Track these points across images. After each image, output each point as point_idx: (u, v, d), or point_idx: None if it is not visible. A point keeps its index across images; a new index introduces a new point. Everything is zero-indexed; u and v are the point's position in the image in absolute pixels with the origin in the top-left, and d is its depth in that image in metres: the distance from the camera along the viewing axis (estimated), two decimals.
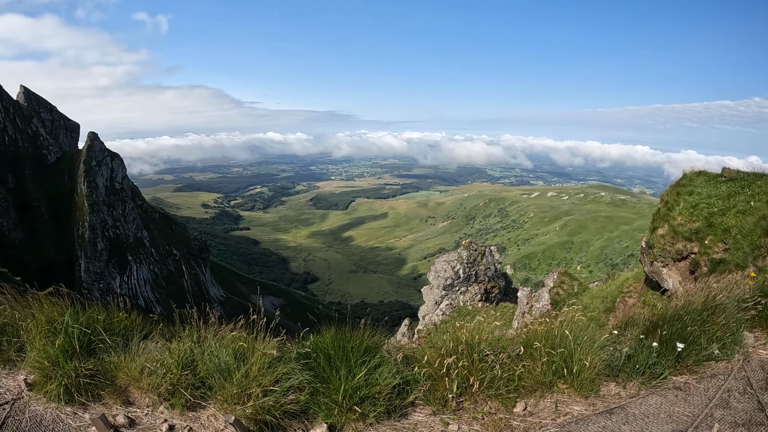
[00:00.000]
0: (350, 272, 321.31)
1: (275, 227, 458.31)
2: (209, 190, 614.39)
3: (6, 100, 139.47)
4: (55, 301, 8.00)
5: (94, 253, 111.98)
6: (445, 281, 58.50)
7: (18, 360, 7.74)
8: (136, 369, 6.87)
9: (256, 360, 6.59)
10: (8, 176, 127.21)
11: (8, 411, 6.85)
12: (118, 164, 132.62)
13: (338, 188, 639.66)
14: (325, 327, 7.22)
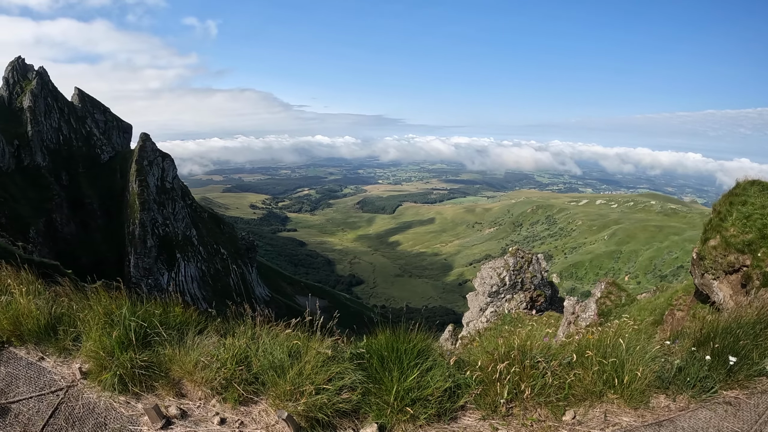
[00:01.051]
0: (395, 276, 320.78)
1: (322, 229, 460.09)
2: (257, 191, 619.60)
3: (61, 101, 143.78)
4: (112, 295, 8.26)
5: (144, 250, 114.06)
6: (491, 288, 58.08)
7: (73, 349, 7.96)
8: (190, 362, 7.02)
9: (311, 358, 6.67)
10: (62, 174, 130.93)
11: (62, 397, 7.05)
12: (168, 164, 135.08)
13: (385, 192, 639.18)
14: (380, 329, 7.22)
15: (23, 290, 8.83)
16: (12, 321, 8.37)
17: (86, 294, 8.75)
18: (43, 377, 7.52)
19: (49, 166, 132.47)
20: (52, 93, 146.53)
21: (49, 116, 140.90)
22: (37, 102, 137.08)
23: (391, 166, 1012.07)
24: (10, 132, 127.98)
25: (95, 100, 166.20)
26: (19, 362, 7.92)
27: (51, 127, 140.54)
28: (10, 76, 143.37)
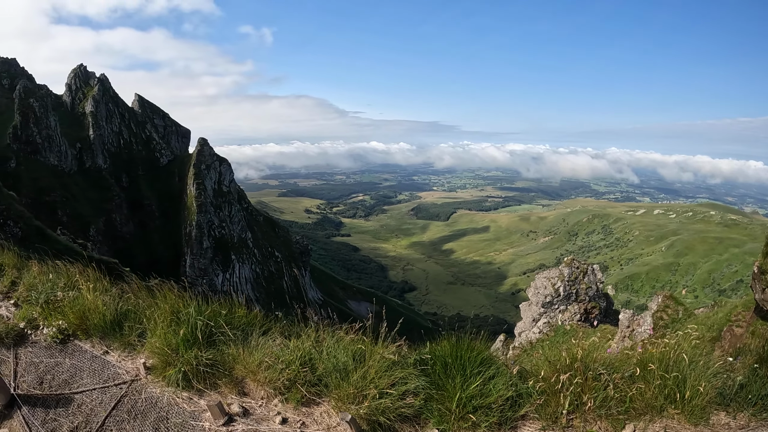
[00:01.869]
0: (448, 284, 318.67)
1: (376, 235, 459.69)
2: (312, 196, 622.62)
3: (121, 107, 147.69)
4: (178, 293, 8.48)
5: (200, 251, 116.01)
6: (545, 298, 57.28)
7: (138, 344, 8.28)
8: (254, 362, 7.14)
9: (375, 363, 6.69)
10: (122, 176, 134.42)
11: (125, 390, 7.32)
12: (226, 168, 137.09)
13: (440, 199, 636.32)
14: (445, 335, 7.20)
15: (90, 287, 9.20)
16: (78, 315, 8.76)
17: (152, 292, 9.10)
18: (107, 370, 7.84)
19: (109, 169, 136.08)
20: (113, 99, 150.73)
21: (110, 121, 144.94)
22: (98, 107, 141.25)
23: (446, 173, 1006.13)
24: (73, 135, 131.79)
25: (155, 106, 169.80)
26: (84, 355, 8.29)
27: (112, 131, 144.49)
28: (73, 83, 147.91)
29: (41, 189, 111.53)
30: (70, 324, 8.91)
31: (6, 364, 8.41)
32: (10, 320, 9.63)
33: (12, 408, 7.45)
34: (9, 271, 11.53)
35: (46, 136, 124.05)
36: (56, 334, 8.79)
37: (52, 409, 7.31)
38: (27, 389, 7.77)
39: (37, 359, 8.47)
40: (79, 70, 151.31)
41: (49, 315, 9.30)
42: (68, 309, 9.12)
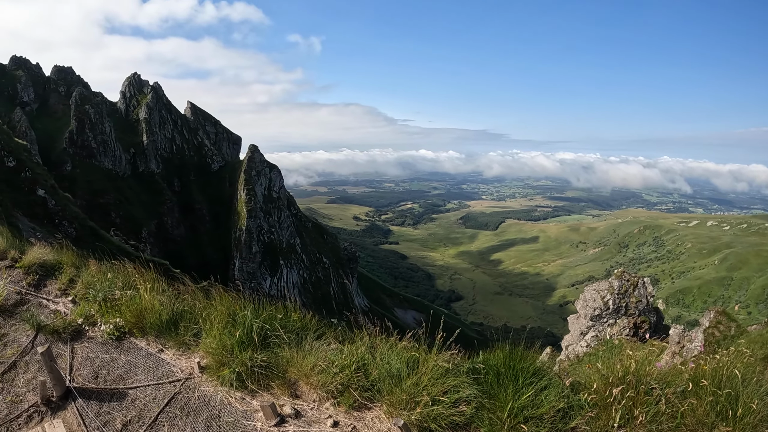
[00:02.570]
0: (495, 294, 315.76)
1: (423, 244, 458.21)
2: (361, 203, 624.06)
3: (174, 114, 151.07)
4: (234, 296, 8.70)
5: (249, 255, 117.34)
6: (593, 311, 56.33)
7: (192, 344, 8.45)
8: (307, 365, 7.23)
9: (428, 370, 6.71)
10: (174, 180, 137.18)
11: (179, 388, 7.50)
12: (275, 175, 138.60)
13: (489, 208, 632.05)
14: (499, 345, 7.15)
15: (148, 287, 9.44)
16: (135, 314, 9.03)
17: (208, 294, 9.36)
18: (161, 368, 8.04)
19: (162, 173, 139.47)
20: (166, 106, 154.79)
21: (163, 127, 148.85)
22: (152, 114, 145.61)
23: (495, 182, 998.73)
24: (127, 141, 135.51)
25: (206, 113, 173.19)
26: (139, 352, 8.53)
27: (165, 138, 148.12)
28: (127, 90, 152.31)
29: (96, 191, 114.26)
30: (126, 322, 9.19)
31: (62, 357, 8.63)
32: (67, 316, 9.94)
33: (67, 400, 7.64)
34: (67, 270, 11.89)
35: (101, 141, 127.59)
36: (113, 331, 9.08)
37: (105, 403, 7.51)
38: (82, 382, 7.98)
39: (92, 354, 8.73)
40: (133, 79, 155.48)
41: (107, 312, 9.60)
42: (125, 307, 9.41)
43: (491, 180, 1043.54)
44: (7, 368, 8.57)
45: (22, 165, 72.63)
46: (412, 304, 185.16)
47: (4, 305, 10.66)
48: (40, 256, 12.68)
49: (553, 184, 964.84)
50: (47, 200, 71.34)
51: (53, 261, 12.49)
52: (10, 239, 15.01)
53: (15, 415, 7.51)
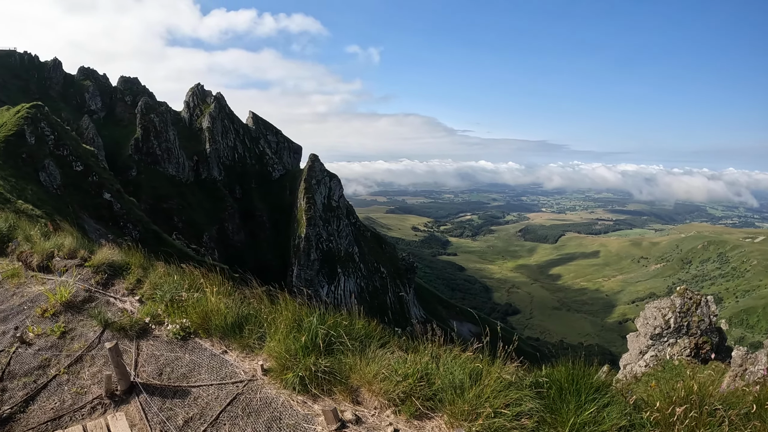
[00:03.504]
0: (553, 309, 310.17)
1: (482, 256, 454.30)
2: (420, 213, 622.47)
3: (236, 123, 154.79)
4: (300, 302, 8.91)
5: (307, 262, 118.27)
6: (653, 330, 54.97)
7: (257, 347, 8.66)
8: (370, 373, 7.29)
9: (491, 382, 6.70)
10: (236, 187, 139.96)
11: (241, 389, 7.68)
12: (335, 184, 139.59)
13: (548, 221, 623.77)
14: (562, 360, 7.15)
15: (214, 290, 9.73)
16: (201, 316, 9.29)
17: (273, 299, 9.50)
18: (225, 368, 8.26)
19: (224, 180, 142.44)
20: (229, 116, 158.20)
21: (225, 136, 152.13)
22: (214, 123, 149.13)
23: (555, 194, 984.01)
24: (190, 148, 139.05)
25: (268, 123, 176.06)
26: (203, 352, 8.76)
27: (227, 146, 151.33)
28: (191, 100, 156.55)
29: (159, 196, 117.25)
30: (192, 323, 9.46)
31: (128, 354, 8.92)
32: (134, 314, 10.27)
33: (130, 394, 7.89)
34: (135, 270, 12.33)
35: (165, 149, 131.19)
36: (179, 331, 9.37)
37: (168, 399, 7.71)
38: (146, 378, 8.23)
39: (157, 352, 9.00)
40: (197, 89, 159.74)
41: (173, 313, 9.92)
42: (191, 309, 9.70)
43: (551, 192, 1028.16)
44: (73, 361, 8.93)
45: (89, 170, 74.85)
46: (468, 316, 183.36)
47: (73, 301, 11.12)
48: (108, 256, 13.15)
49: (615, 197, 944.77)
50: (113, 203, 73.34)
51: (121, 261, 12.98)
52: (80, 239, 15.53)
53: (79, 406, 7.77)
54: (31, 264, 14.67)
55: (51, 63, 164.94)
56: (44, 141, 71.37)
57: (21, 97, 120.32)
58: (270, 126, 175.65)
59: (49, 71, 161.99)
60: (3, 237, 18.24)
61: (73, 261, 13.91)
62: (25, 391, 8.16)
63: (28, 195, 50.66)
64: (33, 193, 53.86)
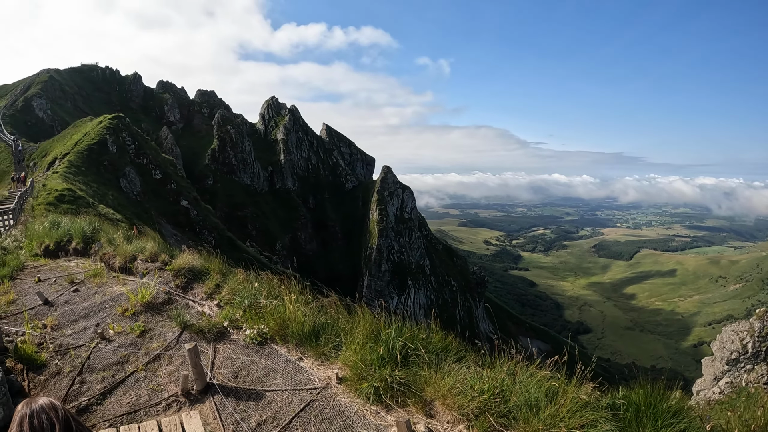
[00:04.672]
0: (625, 329, 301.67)
1: (554, 272, 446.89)
2: (491, 227, 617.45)
3: (310, 135, 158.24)
4: (377, 313, 8.90)
5: (378, 273, 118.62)
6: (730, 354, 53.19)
7: (332, 356, 8.73)
8: (445, 386, 7.22)
9: (567, 402, 6.60)
10: (309, 198, 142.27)
11: (315, 396, 7.77)
12: (408, 196, 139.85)
13: (623, 236, 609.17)
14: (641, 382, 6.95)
15: (293, 298, 9.84)
16: (278, 322, 9.45)
17: (350, 309, 9.63)
18: (299, 375, 8.38)
19: (298, 191, 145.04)
20: (303, 128, 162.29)
21: (299, 147, 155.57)
22: (289, 135, 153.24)
23: (631, 209, 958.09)
24: (265, 159, 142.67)
25: (341, 135, 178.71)
26: (279, 358, 8.91)
27: (301, 157, 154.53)
28: (266, 113, 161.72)
29: (235, 205, 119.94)
30: (269, 329, 9.64)
31: (205, 355, 9.16)
32: (212, 318, 10.57)
33: (206, 394, 8.08)
34: (214, 275, 12.66)
35: (241, 159, 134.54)
36: (256, 336, 9.55)
37: (243, 402, 7.85)
38: (222, 380, 8.40)
39: (234, 355, 9.19)
40: (272, 102, 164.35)
41: (250, 318, 10.14)
42: (269, 315, 9.87)
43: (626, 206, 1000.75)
44: (151, 359, 9.25)
45: (168, 178, 76.95)
46: (538, 333, 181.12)
47: (153, 302, 11.55)
48: (189, 261, 13.56)
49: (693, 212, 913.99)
50: (190, 210, 75.28)
51: (201, 267, 13.36)
52: (162, 244, 16.02)
53: (155, 402, 8.01)
54: (114, 265, 15.20)
55: (131, 77, 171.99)
56: (125, 150, 73.74)
57: (103, 108, 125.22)
58: (343, 138, 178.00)
59: (130, 84, 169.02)
60: (87, 239, 19.02)
61: (154, 264, 14.34)
62: (103, 385, 8.47)
63: (109, 200, 52.35)
64: (113, 199, 55.67)
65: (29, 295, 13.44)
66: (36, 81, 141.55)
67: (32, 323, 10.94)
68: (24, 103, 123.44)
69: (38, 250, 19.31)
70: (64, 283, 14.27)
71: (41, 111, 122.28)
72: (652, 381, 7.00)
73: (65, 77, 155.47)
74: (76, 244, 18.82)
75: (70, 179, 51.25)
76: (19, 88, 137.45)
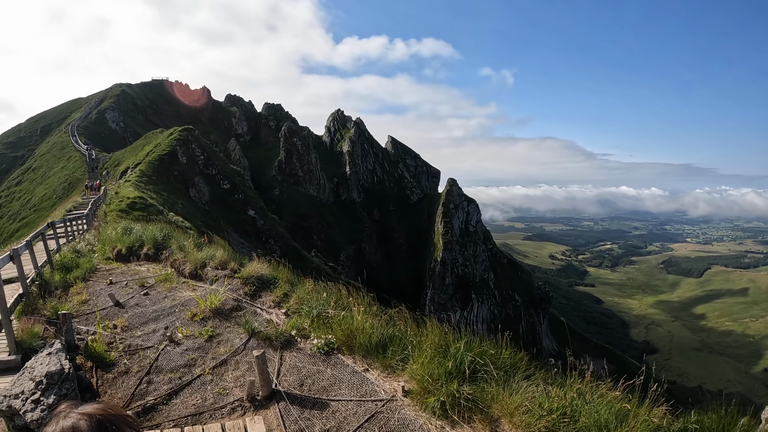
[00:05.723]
0: (693, 350, 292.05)
1: (620, 288, 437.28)
2: (557, 241, 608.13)
3: (376, 147, 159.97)
4: (445, 327, 8.95)
5: (442, 286, 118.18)
6: None
7: (398, 368, 8.73)
8: (512, 404, 7.16)
9: (638, 425, 6.48)
10: (374, 209, 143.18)
11: (380, 407, 7.76)
12: (473, 209, 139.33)
13: (693, 252, 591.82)
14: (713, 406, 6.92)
15: (361, 309, 9.88)
16: (346, 333, 9.50)
17: (418, 322, 9.65)
18: (365, 386, 8.39)
19: (363, 202, 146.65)
20: (368, 140, 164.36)
21: (364, 159, 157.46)
22: (354, 147, 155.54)
23: (701, 223, 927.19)
24: (331, 171, 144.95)
25: (406, 147, 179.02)
26: (345, 368, 8.96)
27: (366, 169, 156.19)
28: (332, 125, 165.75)
29: (300, 215, 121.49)
30: (337, 339, 9.72)
31: (271, 362, 9.24)
32: (279, 326, 10.66)
33: (271, 400, 8.18)
34: (282, 284, 12.86)
35: (307, 171, 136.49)
36: (323, 345, 9.65)
37: (307, 410, 7.91)
38: (287, 387, 8.49)
39: (300, 364, 9.29)
40: (337, 114, 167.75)
41: (318, 328, 10.26)
42: (336, 325, 9.95)
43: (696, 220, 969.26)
44: (218, 363, 9.43)
45: (235, 188, 78.45)
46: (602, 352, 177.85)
47: (222, 308, 11.77)
48: (257, 269, 13.84)
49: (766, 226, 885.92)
50: (256, 220, 76.64)
51: (269, 275, 13.58)
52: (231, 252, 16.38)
53: (220, 405, 8.18)
54: (184, 271, 15.56)
55: (200, 91, 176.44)
56: (195, 161, 75.55)
57: (173, 121, 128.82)
58: (408, 150, 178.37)
59: (199, 98, 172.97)
60: (158, 245, 19.60)
61: (223, 272, 14.62)
62: (169, 386, 8.70)
63: (179, 208, 53.61)
64: (183, 207, 57.03)
65: (101, 296, 13.97)
66: (109, 95, 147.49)
67: (103, 323, 11.33)
68: (98, 115, 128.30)
69: (110, 254, 20.08)
70: (135, 287, 14.74)
71: (114, 123, 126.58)
72: (725, 406, 6.88)
73: (137, 91, 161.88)
74: (148, 249, 19.44)
75: (141, 188, 52.63)
76: (92, 101, 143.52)
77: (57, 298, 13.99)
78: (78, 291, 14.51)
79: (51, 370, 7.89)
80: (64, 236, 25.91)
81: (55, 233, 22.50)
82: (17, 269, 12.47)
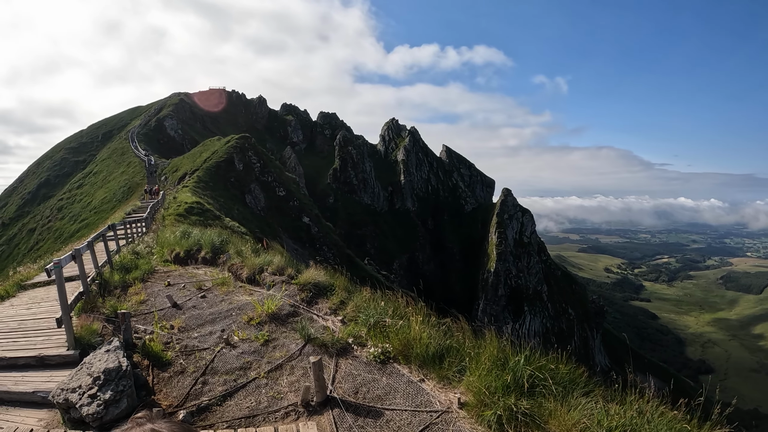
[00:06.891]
0: (751, 371, 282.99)
1: (677, 304, 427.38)
2: (612, 254, 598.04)
3: (430, 156, 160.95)
4: (505, 339, 8.92)
5: (494, 297, 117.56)
6: None
7: (455, 380, 8.65)
8: (570, 420, 7.02)
9: None
10: (428, 219, 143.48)
11: (434, 419, 7.68)
12: (527, 220, 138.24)
13: (754, 267, 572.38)
14: None
15: (418, 319, 9.86)
16: (403, 342, 9.51)
17: (477, 334, 9.63)
18: (420, 396, 8.33)
19: (417, 211, 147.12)
20: (423, 149, 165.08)
21: (419, 168, 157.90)
22: (409, 156, 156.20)
23: (762, 236, 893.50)
24: (385, 179, 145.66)
25: (461, 156, 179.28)
26: (400, 378, 8.94)
27: (420, 178, 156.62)
28: (386, 134, 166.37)
29: (354, 223, 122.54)
30: (393, 348, 9.72)
31: (327, 369, 9.25)
32: (336, 333, 10.69)
33: (325, 407, 8.21)
34: (339, 292, 12.97)
35: (362, 179, 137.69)
36: (379, 354, 9.66)
37: (361, 417, 7.92)
38: (342, 394, 8.52)
39: (355, 372, 9.32)
40: (391, 123, 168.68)
41: (374, 336, 10.32)
42: (393, 335, 9.96)
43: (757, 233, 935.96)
44: (273, 368, 9.51)
45: (291, 195, 79.45)
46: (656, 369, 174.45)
47: (278, 314, 11.88)
48: (314, 276, 13.97)
49: None
50: (311, 227, 77.50)
51: (326, 282, 13.67)
52: (288, 258, 16.65)
53: (274, 409, 8.25)
54: (241, 276, 15.90)
55: (256, 100, 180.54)
56: (251, 168, 76.75)
57: (230, 129, 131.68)
58: (463, 159, 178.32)
59: (255, 107, 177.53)
60: (216, 249, 20.05)
61: (280, 277, 14.85)
62: (224, 387, 8.83)
63: (235, 214, 54.54)
64: (239, 213, 58.01)
65: (159, 297, 14.33)
66: (168, 103, 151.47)
67: (160, 323, 11.63)
68: (156, 123, 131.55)
69: (168, 257, 20.54)
70: (192, 289, 15.06)
71: (172, 130, 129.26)
72: None
73: (194, 100, 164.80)
74: (205, 253, 19.83)
75: (198, 193, 53.67)
76: (152, 109, 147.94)
77: (116, 297, 14.45)
78: (136, 291, 14.95)
79: (109, 367, 8.19)
80: (123, 238, 26.36)
81: (116, 235, 23.03)
82: (78, 268, 12.90)
